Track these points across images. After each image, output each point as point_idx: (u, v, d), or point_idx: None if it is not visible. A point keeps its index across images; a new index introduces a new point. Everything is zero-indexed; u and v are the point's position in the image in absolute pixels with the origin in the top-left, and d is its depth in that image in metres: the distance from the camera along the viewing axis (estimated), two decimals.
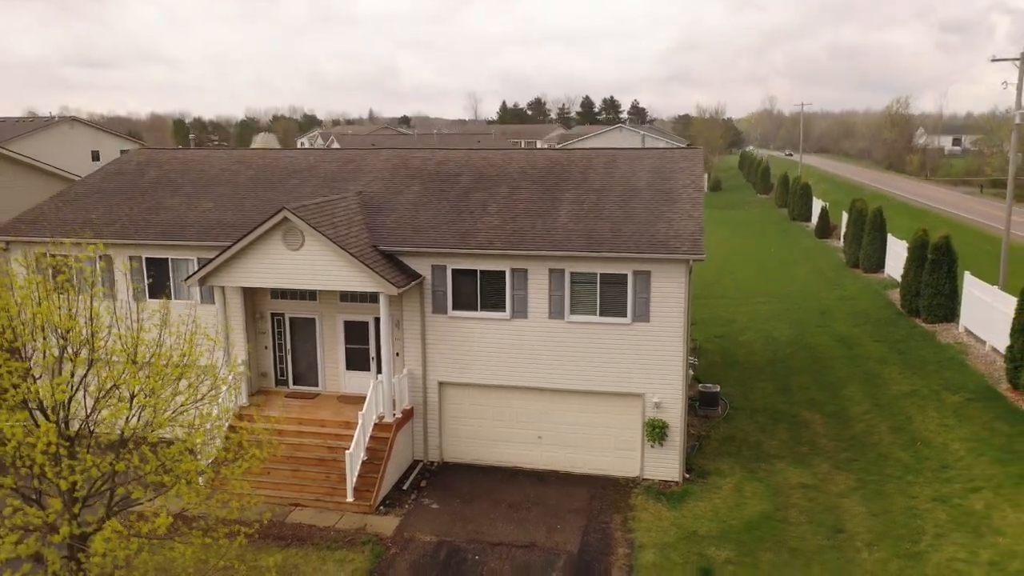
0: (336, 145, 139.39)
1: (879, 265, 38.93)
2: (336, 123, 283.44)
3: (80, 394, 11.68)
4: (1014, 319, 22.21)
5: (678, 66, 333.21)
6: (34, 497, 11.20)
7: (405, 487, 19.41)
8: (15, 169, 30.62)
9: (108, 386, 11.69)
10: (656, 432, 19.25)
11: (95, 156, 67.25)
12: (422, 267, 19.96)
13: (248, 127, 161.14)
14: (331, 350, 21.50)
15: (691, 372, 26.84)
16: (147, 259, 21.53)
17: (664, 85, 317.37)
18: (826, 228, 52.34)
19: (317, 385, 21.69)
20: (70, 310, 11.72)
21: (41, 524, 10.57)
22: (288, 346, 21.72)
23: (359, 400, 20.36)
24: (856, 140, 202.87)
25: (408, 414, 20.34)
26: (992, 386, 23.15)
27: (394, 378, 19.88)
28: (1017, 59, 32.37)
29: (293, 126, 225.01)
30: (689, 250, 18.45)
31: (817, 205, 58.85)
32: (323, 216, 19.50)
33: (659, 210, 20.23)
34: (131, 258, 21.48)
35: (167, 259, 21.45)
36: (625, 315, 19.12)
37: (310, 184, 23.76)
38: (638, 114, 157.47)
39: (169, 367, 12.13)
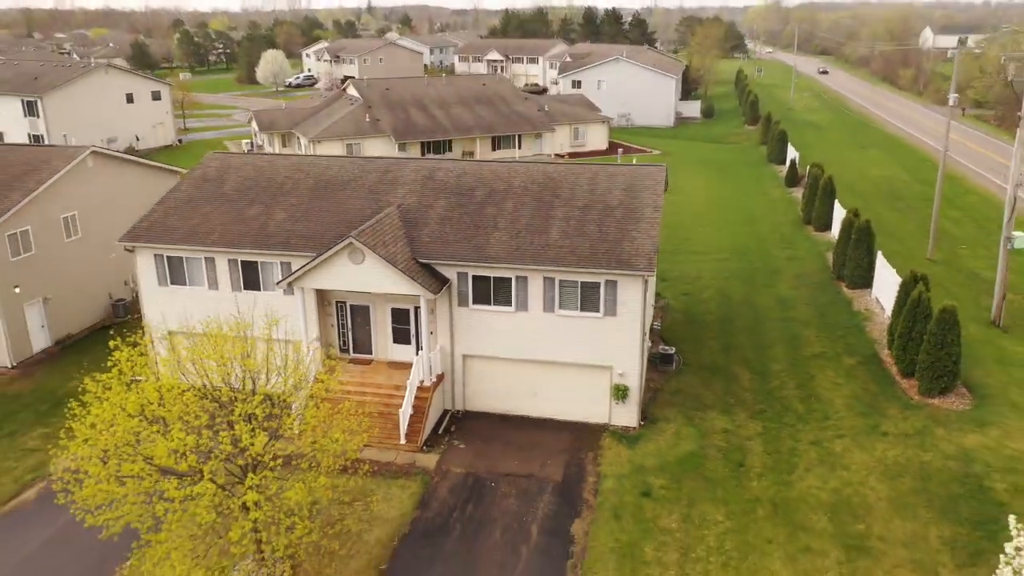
0: (340, 53, 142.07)
1: (827, 226, 45.73)
2: (337, 24, 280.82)
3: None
4: (895, 302, 29.42)
5: None
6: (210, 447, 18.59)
7: (440, 431, 27.20)
8: (122, 165, 37.15)
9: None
10: (620, 393, 26.84)
11: (129, 98, 72.81)
12: (450, 273, 27.01)
13: (255, 41, 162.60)
14: (381, 329, 28.85)
15: (656, 327, 34.31)
16: (242, 262, 28.59)
17: None
18: (794, 178, 58.64)
19: (371, 354, 29.17)
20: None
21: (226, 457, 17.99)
22: (349, 325, 29.07)
23: (403, 366, 27.92)
24: (858, 46, 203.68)
25: (440, 378, 27.91)
26: (877, 352, 30.65)
27: (430, 353, 27.33)
28: None
29: (295, 32, 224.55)
30: (644, 268, 25.44)
31: (791, 152, 64.62)
32: (376, 237, 26.43)
33: (626, 229, 27.09)
34: (230, 260, 28.55)
35: (257, 262, 28.51)
36: (598, 311, 26.34)
37: (358, 195, 30.42)
38: (639, 27, 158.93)
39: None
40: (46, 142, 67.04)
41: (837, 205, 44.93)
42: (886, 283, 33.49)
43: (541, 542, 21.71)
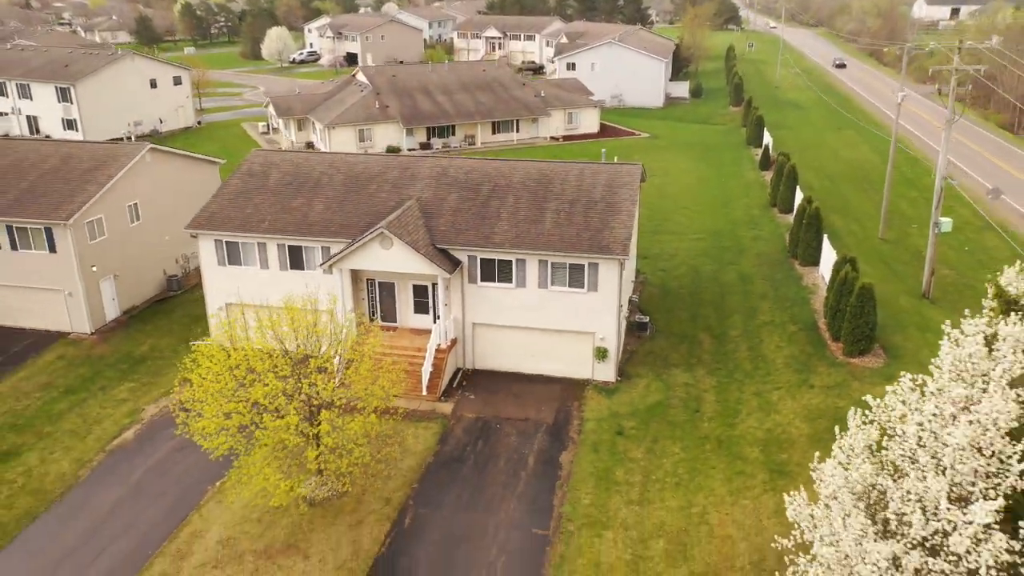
0: (343, 30, 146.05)
1: (790, 209, 51.57)
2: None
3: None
4: (829, 280, 35.47)
5: None
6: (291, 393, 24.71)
7: (454, 385, 33.34)
8: (172, 157, 42.81)
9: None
10: (600, 354, 32.96)
11: (153, 84, 77.96)
12: (461, 256, 32.93)
13: (258, 17, 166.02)
14: (404, 301, 34.84)
15: (634, 300, 40.35)
16: (289, 246, 34.47)
17: None
18: (768, 162, 64.30)
19: (395, 322, 35.19)
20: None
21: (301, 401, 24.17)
22: (377, 298, 35.05)
23: (423, 332, 33.98)
24: (848, 20, 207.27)
25: (454, 342, 33.98)
26: (816, 321, 36.77)
27: (445, 321, 33.37)
28: None
29: (295, 3, 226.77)
30: (619, 253, 31.39)
31: (766, 137, 70.16)
32: (402, 227, 32.31)
33: (606, 220, 32.99)
34: (278, 245, 34.44)
35: (301, 247, 34.39)
36: (583, 287, 32.34)
37: (383, 189, 36.19)
38: (633, 3, 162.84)
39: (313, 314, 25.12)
40: (79, 126, 72.43)
41: (798, 190, 50.75)
42: (829, 262, 39.50)
43: (536, 469, 27.95)
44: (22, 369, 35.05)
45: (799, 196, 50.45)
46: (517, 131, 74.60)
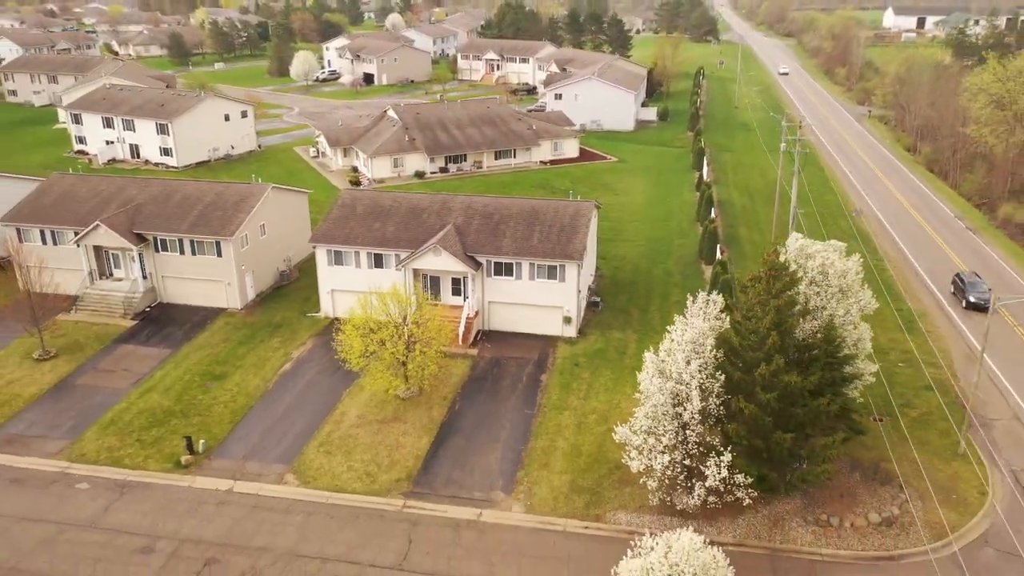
0: (361, 53, 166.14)
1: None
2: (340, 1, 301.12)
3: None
4: (711, 276, 56.57)
5: None
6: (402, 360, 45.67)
7: (478, 339, 54.43)
8: (280, 191, 63.60)
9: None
10: (567, 320, 54.06)
11: (226, 118, 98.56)
12: (482, 259, 53.87)
13: (281, 38, 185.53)
14: (445, 287, 55.82)
15: (591, 289, 61.39)
16: (373, 253, 55.40)
17: None
18: (700, 183, 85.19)
19: (439, 300, 56.15)
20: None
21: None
22: (428, 285, 55.99)
23: (457, 307, 55.00)
24: (813, 37, 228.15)
25: (477, 313, 55.00)
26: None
27: (472, 300, 54.40)
28: None
29: (309, 19, 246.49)
30: (578, 258, 52.42)
31: (704, 164, 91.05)
32: (446, 242, 53.27)
33: (570, 237, 53.98)
34: (367, 253, 55.39)
35: (381, 254, 55.31)
36: (556, 279, 53.37)
37: (432, 216, 57.02)
38: (616, 25, 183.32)
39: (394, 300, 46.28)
40: (174, 153, 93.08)
41: (714, 210, 71.77)
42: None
43: (527, 382, 49.05)
44: (206, 330, 56.04)
45: (712, 214, 71.68)
46: (514, 157, 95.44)
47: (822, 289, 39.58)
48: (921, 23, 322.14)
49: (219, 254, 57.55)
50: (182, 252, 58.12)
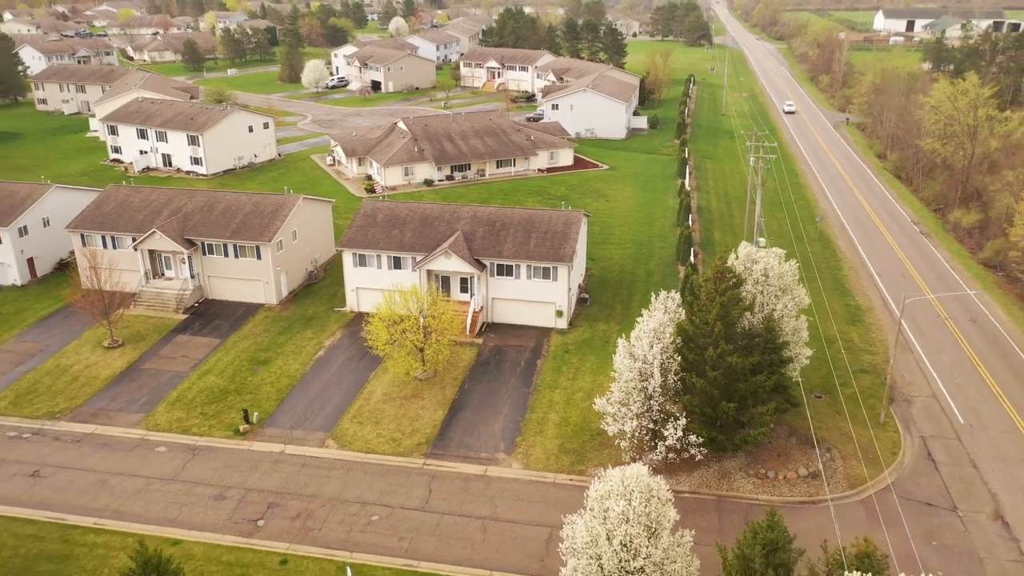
0: (368, 61, 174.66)
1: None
2: (345, 5, 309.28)
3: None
4: (683, 276, 65.50)
5: None
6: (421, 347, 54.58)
7: (483, 330, 63.38)
8: (308, 200, 72.51)
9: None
10: (559, 314, 63.03)
11: (250, 129, 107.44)
12: (487, 261, 62.81)
13: (292, 47, 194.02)
14: (455, 285, 64.77)
15: (581, 287, 70.35)
16: (392, 256, 64.35)
17: None
18: (683, 190, 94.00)
19: (450, 296, 65.04)
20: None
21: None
22: (439, 284, 64.90)
23: (465, 303, 63.96)
24: (802, 43, 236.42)
25: (482, 308, 63.96)
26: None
27: (478, 296, 63.34)
28: None
29: (316, 24, 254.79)
30: (568, 260, 61.36)
31: (687, 172, 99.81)
32: (456, 247, 62.20)
33: (562, 242, 62.91)
34: (387, 256, 64.34)
35: (399, 257, 64.25)
36: (550, 279, 62.31)
37: (443, 224, 65.90)
38: (611, 34, 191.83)
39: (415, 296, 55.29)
40: (203, 162, 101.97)
41: (691, 218, 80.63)
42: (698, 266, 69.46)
43: (524, 367, 58.00)
44: (249, 323, 65.02)
45: (691, 221, 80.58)
46: (514, 166, 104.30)
47: (765, 288, 48.52)
48: (910, 26, 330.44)
49: (258, 257, 66.48)
50: (226, 255, 67.05)
